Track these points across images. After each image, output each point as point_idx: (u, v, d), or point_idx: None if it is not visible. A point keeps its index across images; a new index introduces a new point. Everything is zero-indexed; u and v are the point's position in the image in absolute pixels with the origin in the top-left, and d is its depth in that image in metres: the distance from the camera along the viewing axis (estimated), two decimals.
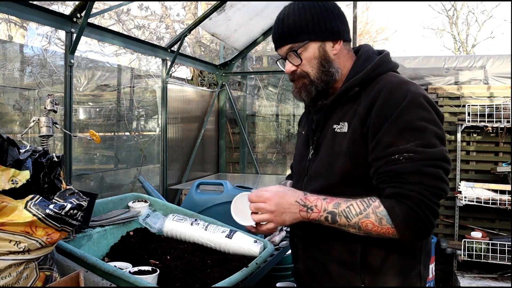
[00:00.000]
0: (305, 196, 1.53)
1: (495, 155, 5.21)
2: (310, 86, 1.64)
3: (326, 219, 1.49)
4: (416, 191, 1.39)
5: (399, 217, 1.40)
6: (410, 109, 1.45)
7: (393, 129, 1.45)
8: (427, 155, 1.41)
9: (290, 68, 1.65)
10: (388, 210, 1.42)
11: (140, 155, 4.27)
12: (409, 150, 1.42)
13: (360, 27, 11.87)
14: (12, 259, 1.49)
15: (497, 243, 4.66)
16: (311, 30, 1.60)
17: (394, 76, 1.59)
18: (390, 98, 1.49)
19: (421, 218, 1.39)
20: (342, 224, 1.47)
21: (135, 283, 1.72)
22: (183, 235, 2.41)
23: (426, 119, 1.46)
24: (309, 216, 1.50)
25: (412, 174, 1.41)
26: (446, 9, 16.09)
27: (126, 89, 4.14)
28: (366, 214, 1.44)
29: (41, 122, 2.25)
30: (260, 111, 6.05)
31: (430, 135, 1.44)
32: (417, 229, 1.41)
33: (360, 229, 1.46)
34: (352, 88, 1.59)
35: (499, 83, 5.22)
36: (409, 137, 1.43)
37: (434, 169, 1.41)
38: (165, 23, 7.98)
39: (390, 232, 1.43)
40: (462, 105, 5.21)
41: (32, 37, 3.98)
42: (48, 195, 1.70)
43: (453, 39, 16.19)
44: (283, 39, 1.64)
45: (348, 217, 1.46)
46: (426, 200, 1.39)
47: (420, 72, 5.47)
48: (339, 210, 1.47)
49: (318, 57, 1.62)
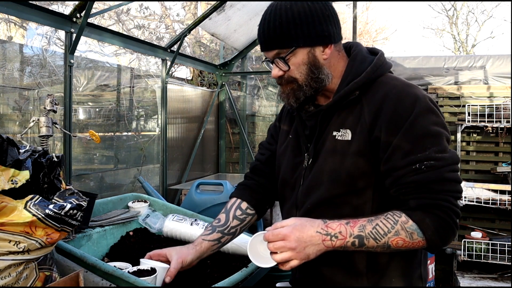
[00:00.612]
0: (326, 224, 1.42)
1: (495, 155, 5.20)
2: (298, 91, 1.56)
3: (353, 244, 1.40)
4: (442, 199, 1.38)
5: (430, 229, 1.38)
6: (423, 114, 1.42)
7: (408, 136, 1.41)
8: (447, 161, 1.40)
9: (277, 73, 1.56)
10: (418, 224, 1.38)
11: (140, 155, 4.27)
12: (430, 158, 1.39)
13: (360, 27, 11.87)
14: (12, 259, 1.49)
15: (497, 243, 4.65)
16: (299, 36, 1.49)
17: (395, 78, 1.54)
18: (399, 104, 1.44)
19: (450, 225, 1.39)
20: (370, 247, 1.41)
21: (135, 283, 1.71)
22: (183, 235, 2.41)
23: (438, 124, 1.44)
24: (334, 245, 1.41)
25: (436, 182, 1.39)
26: (446, 9, 16.10)
27: (126, 89, 4.14)
28: (395, 231, 1.39)
29: (41, 122, 2.25)
30: (260, 111, 6.05)
31: (443, 139, 1.43)
32: (446, 237, 1.40)
33: (389, 248, 1.41)
34: (353, 92, 1.52)
35: (499, 83, 5.21)
36: (426, 144, 1.40)
37: (454, 173, 1.41)
38: (165, 23, 7.98)
39: (420, 245, 1.41)
40: (462, 105, 5.21)
41: (32, 37, 3.98)
42: (47, 195, 1.70)
43: (453, 39, 16.20)
44: (269, 44, 1.54)
45: (377, 238, 1.39)
46: (452, 206, 1.38)
47: (420, 72, 5.46)
48: (366, 232, 1.40)
49: (307, 63, 1.53)
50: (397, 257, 1.52)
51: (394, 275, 1.52)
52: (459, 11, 15.86)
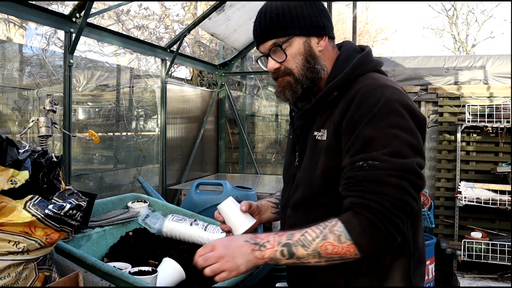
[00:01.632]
0: (255, 235, 1.41)
1: (495, 155, 5.20)
2: (295, 84, 1.55)
3: (282, 253, 1.35)
4: (375, 201, 1.30)
5: (356, 230, 1.30)
6: (382, 115, 1.36)
7: (362, 136, 1.36)
8: (393, 164, 1.31)
9: (273, 65, 1.56)
10: (345, 224, 1.32)
11: (140, 155, 4.27)
12: (375, 158, 1.32)
13: (360, 27, 11.88)
14: (11, 259, 1.48)
15: (497, 244, 4.66)
16: (296, 25, 1.52)
17: (372, 78, 1.49)
18: (362, 103, 1.40)
19: (381, 231, 1.29)
20: (300, 256, 1.34)
21: (135, 283, 1.71)
22: (182, 235, 2.41)
23: (398, 126, 1.35)
24: (263, 255, 1.36)
25: (373, 182, 1.32)
26: (446, 9, 16.11)
27: (126, 89, 4.14)
28: (323, 236, 1.32)
29: (40, 122, 2.25)
30: (260, 111, 6.05)
31: (401, 144, 1.34)
32: (376, 241, 1.30)
33: (320, 256, 1.33)
34: (331, 92, 1.51)
35: (499, 83, 5.21)
36: (377, 145, 1.34)
37: (399, 180, 1.31)
38: (165, 23, 7.98)
39: (352, 251, 1.31)
40: (462, 105, 5.21)
41: (31, 37, 3.98)
42: (47, 195, 1.70)
43: (453, 39, 16.21)
44: (266, 34, 1.55)
45: (305, 245, 1.33)
46: (386, 212, 1.29)
47: (420, 72, 5.47)
48: (294, 240, 1.35)
49: (303, 53, 1.53)
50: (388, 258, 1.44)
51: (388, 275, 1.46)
52: (459, 11, 15.87)
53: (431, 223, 4.83)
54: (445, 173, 5.36)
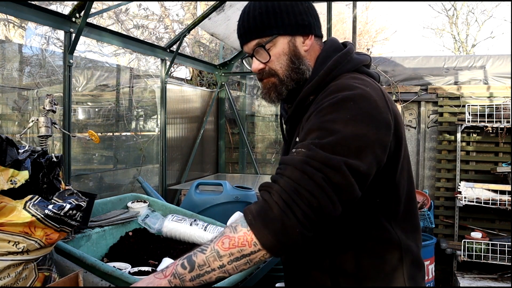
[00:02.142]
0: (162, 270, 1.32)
1: (495, 155, 5.20)
2: (280, 86, 1.49)
3: (183, 266, 1.25)
4: (277, 182, 1.21)
5: (252, 213, 1.20)
6: (330, 110, 1.28)
7: (305, 128, 1.31)
8: (316, 155, 1.20)
9: (257, 66, 1.50)
10: (244, 213, 1.22)
11: (139, 155, 4.27)
12: (304, 146, 1.24)
13: (359, 27, 11.87)
14: (11, 259, 1.48)
15: (497, 244, 4.66)
16: (279, 24, 1.46)
17: (344, 79, 1.39)
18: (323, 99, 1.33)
19: (275, 213, 1.17)
20: (201, 263, 1.23)
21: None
22: (182, 236, 2.40)
23: (342, 123, 1.24)
24: (165, 273, 1.26)
25: (285, 165, 1.23)
26: (446, 9, 16.10)
27: (125, 89, 4.14)
28: (221, 233, 1.23)
29: (40, 122, 2.24)
30: (260, 111, 6.05)
31: (337, 140, 1.22)
32: (273, 228, 1.17)
33: (220, 255, 1.21)
34: (307, 97, 1.45)
35: (499, 83, 5.21)
36: (313, 136, 1.25)
37: (314, 170, 1.19)
38: (164, 23, 7.97)
39: (249, 240, 1.19)
40: (462, 105, 5.21)
41: (31, 37, 3.98)
42: (47, 196, 1.69)
43: (453, 39, 16.20)
44: (249, 34, 1.49)
45: (204, 249, 1.24)
46: (283, 194, 1.17)
47: (419, 72, 5.47)
48: (194, 250, 1.27)
49: (287, 53, 1.47)
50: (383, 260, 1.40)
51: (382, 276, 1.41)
52: (459, 11, 15.87)
53: (431, 223, 4.83)
54: (445, 173, 5.36)
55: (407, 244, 1.44)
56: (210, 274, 1.24)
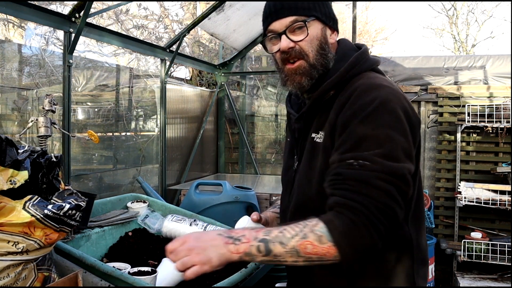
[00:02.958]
0: (230, 230, 1.37)
1: (495, 156, 5.20)
2: (310, 70, 1.47)
3: (258, 249, 1.27)
4: (359, 202, 1.24)
5: (337, 230, 1.24)
6: (376, 115, 1.31)
7: (354, 134, 1.31)
8: (384, 167, 1.26)
9: (288, 44, 1.46)
10: (326, 224, 1.25)
11: (139, 155, 4.26)
12: (366, 158, 1.27)
13: (359, 27, 11.88)
14: (11, 259, 1.48)
15: (497, 244, 4.65)
16: (317, 9, 1.47)
17: (368, 78, 1.44)
18: (356, 102, 1.35)
19: (362, 233, 1.23)
20: (278, 254, 1.27)
21: (134, 283, 1.71)
22: (182, 236, 2.40)
23: (392, 128, 1.30)
24: (238, 249, 1.28)
25: (359, 182, 1.26)
26: (446, 8, 16.10)
27: (125, 89, 4.13)
28: (303, 234, 1.26)
29: (40, 122, 2.24)
30: (259, 111, 6.04)
31: (394, 146, 1.29)
32: (357, 244, 1.25)
33: (299, 255, 1.26)
34: (327, 92, 1.46)
35: (499, 83, 5.21)
36: (370, 145, 1.28)
37: (387, 184, 1.25)
38: (164, 23, 7.97)
39: (332, 253, 1.25)
40: (462, 105, 5.21)
41: (31, 37, 3.98)
42: (46, 196, 1.69)
43: (453, 39, 16.20)
44: (287, 10, 1.45)
45: (283, 241, 1.26)
46: (370, 215, 1.23)
47: (419, 72, 5.46)
48: (272, 236, 1.28)
49: (319, 38, 1.47)
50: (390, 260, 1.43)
51: (387, 276, 1.43)
52: (459, 11, 15.86)
53: (431, 223, 4.82)
54: (445, 173, 5.35)
55: (417, 241, 1.47)
56: (280, 262, 1.30)
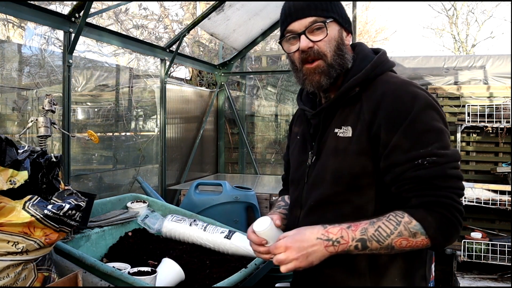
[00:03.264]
0: (326, 229, 1.42)
1: (495, 156, 5.20)
2: (329, 69, 1.53)
3: (356, 247, 1.39)
4: (445, 196, 1.36)
5: (433, 227, 1.36)
6: (424, 110, 1.41)
7: (410, 133, 1.40)
8: (449, 157, 1.39)
9: (307, 43, 1.51)
10: (421, 222, 1.36)
11: (139, 155, 4.26)
12: (432, 154, 1.37)
13: (359, 27, 11.88)
14: (10, 259, 1.48)
15: (497, 244, 4.65)
16: (336, 11, 1.54)
17: (394, 76, 1.54)
18: (397, 100, 1.43)
19: (453, 223, 1.37)
20: (373, 249, 1.39)
21: (134, 283, 1.71)
22: (181, 236, 2.40)
23: (438, 120, 1.43)
24: (337, 250, 1.40)
25: (439, 179, 1.37)
26: (446, 8, 16.10)
27: (125, 89, 4.13)
28: (398, 232, 1.37)
29: (39, 122, 2.24)
30: (259, 111, 6.04)
31: (445, 136, 1.42)
32: (450, 235, 1.38)
33: (393, 249, 1.39)
34: (353, 88, 1.52)
35: (499, 83, 5.21)
36: (428, 140, 1.39)
37: (456, 170, 1.40)
38: (164, 23, 7.97)
39: (424, 243, 1.38)
40: (462, 105, 5.20)
41: (30, 37, 3.97)
42: (46, 196, 1.69)
43: (453, 39, 16.20)
44: (307, 10, 1.52)
45: (380, 240, 1.37)
46: (455, 204, 1.37)
47: (419, 72, 5.46)
48: (368, 235, 1.38)
49: (337, 39, 1.54)
50: (399, 257, 1.49)
51: (395, 274, 1.50)
52: (459, 11, 15.86)
53: None
54: None
55: None
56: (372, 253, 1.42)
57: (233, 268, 2.06)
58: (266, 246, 1.51)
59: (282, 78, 5.92)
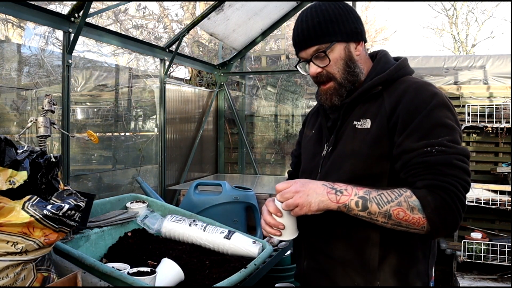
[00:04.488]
0: (333, 182, 1.52)
1: (495, 156, 5.20)
2: (339, 89, 1.65)
3: (356, 204, 1.46)
4: (449, 182, 1.41)
5: (430, 206, 1.41)
6: (439, 107, 1.51)
7: (424, 124, 1.48)
8: (457, 150, 1.45)
9: (315, 70, 1.65)
10: (420, 200, 1.42)
11: (138, 155, 4.26)
12: (441, 144, 1.45)
13: None
14: (10, 260, 1.47)
15: (497, 244, 4.65)
16: (337, 31, 1.62)
17: (415, 78, 1.65)
18: (417, 95, 1.53)
19: (452, 209, 1.41)
20: (372, 212, 1.45)
21: (133, 284, 1.70)
22: (181, 236, 2.40)
23: (452, 119, 1.52)
24: (338, 199, 1.48)
25: (445, 165, 1.43)
26: (446, 8, 16.13)
27: (124, 89, 4.13)
28: (398, 202, 1.43)
29: (39, 122, 2.24)
30: (259, 111, 6.04)
31: (456, 133, 1.50)
32: (447, 221, 1.42)
33: (390, 218, 1.44)
34: (376, 86, 1.62)
35: (499, 83, 5.21)
36: (440, 133, 1.47)
37: (463, 163, 1.45)
38: (163, 23, 7.97)
39: (420, 223, 1.43)
40: (462, 105, 5.21)
41: (30, 37, 3.97)
42: (45, 196, 1.69)
43: (452, 39, 16.22)
44: (308, 41, 1.64)
45: (380, 204, 1.45)
46: (458, 193, 1.41)
47: (419, 72, 5.46)
48: (370, 196, 1.46)
49: (343, 57, 1.64)
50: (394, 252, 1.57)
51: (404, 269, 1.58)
52: (459, 11, 15.89)
53: None
54: None
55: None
56: (372, 221, 1.48)
57: (232, 268, 2.06)
58: (278, 220, 1.58)
59: (282, 78, 5.92)
